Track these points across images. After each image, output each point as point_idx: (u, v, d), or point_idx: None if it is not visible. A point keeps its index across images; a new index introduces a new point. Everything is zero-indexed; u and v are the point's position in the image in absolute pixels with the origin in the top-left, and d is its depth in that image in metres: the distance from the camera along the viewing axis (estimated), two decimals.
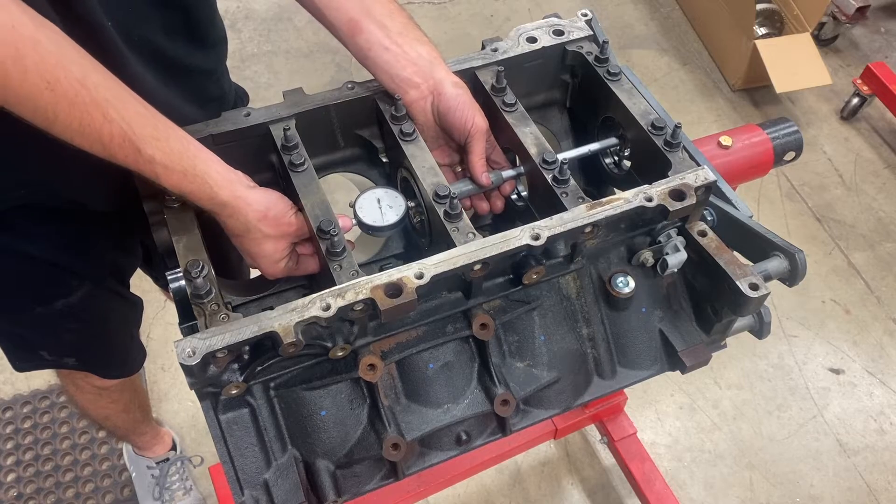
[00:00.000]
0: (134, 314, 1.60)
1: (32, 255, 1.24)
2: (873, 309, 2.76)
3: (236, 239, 1.04)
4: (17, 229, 1.19)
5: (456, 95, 1.10)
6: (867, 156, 3.23)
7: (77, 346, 1.49)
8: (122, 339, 1.61)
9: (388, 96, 1.14)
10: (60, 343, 1.46)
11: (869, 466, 2.39)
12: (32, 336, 1.42)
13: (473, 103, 1.12)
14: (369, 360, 1.00)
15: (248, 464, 1.01)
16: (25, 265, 1.25)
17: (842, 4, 3.34)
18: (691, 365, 1.15)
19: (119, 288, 1.47)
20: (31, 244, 1.23)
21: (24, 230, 1.20)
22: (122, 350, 1.64)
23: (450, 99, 1.10)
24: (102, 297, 1.42)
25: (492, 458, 2.02)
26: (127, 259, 1.47)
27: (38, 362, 1.48)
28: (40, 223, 1.21)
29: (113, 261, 1.39)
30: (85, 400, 1.84)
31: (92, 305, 1.39)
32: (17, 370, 1.49)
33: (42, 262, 1.25)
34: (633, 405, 2.41)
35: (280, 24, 3.57)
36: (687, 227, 1.11)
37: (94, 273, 1.35)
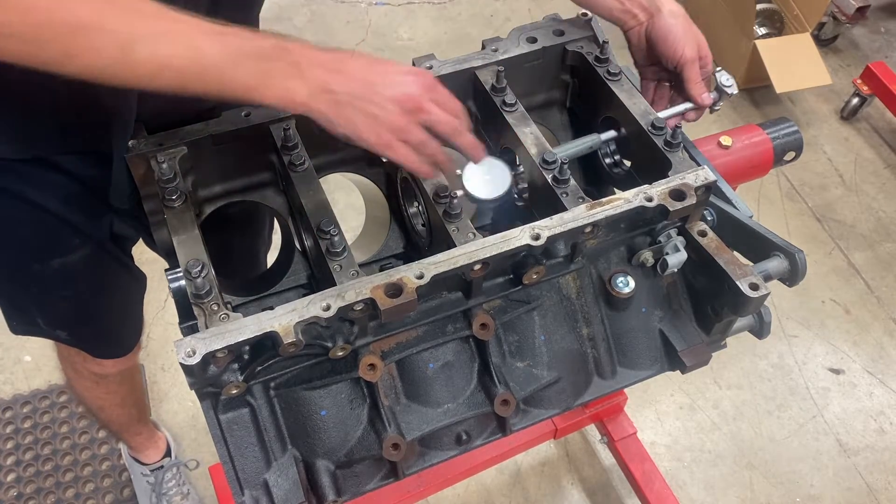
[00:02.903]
0: (135, 287, 1.56)
1: (40, 205, 1.22)
2: (873, 309, 2.76)
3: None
4: (30, 178, 1.19)
5: (669, 25, 1.18)
6: (867, 156, 3.23)
7: (69, 317, 1.46)
8: (116, 314, 1.57)
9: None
10: (54, 312, 1.43)
11: (869, 466, 2.39)
12: (25, 298, 1.40)
13: (688, 32, 1.19)
14: (369, 359, 1.00)
15: (248, 464, 1.01)
16: (31, 215, 1.23)
17: (842, 4, 3.33)
18: (691, 365, 1.15)
19: (120, 255, 1.44)
20: (41, 193, 1.21)
21: (36, 179, 1.19)
22: (117, 326, 1.60)
23: (662, 28, 1.19)
24: (102, 264, 1.39)
25: (492, 458, 2.02)
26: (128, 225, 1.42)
27: (33, 328, 1.45)
28: (53, 174, 1.19)
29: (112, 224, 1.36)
30: (82, 387, 1.81)
31: (89, 271, 1.37)
32: (12, 332, 1.47)
33: (48, 214, 1.24)
34: (633, 405, 2.41)
35: (280, 24, 3.57)
36: (687, 227, 1.11)
37: (96, 234, 1.33)
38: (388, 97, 0.94)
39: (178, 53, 0.86)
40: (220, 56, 0.87)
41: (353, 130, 0.94)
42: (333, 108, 0.93)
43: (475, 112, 1.25)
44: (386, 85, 0.94)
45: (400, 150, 0.96)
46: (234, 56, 0.88)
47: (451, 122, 0.99)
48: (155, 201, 1.06)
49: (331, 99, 0.92)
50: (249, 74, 0.89)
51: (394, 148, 0.96)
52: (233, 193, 1.19)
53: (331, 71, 0.93)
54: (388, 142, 0.95)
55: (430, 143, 0.98)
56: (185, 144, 1.08)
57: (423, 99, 0.96)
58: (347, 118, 0.94)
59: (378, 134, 0.94)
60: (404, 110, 0.94)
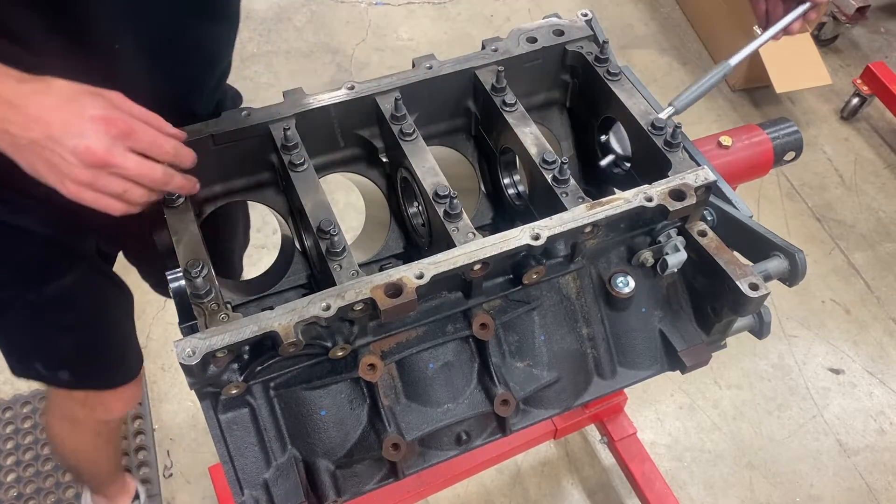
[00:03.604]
0: (126, 303, 1.52)
1: (25, 229, 1.19)
2: (873, 309, 2.76)
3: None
4: (10, 203, 1.16)
5: None
6: (867, 156, 3.23)
7: (71, 350, 1.42)
8: (117, 335, 1.53)
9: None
10: (55, 349, 1.39)
11: (869, 466, 2.39)
12: (24, 336, 1.36)
13: None
14: (369, 359, 1.00)
15: (248, 464, 1.01)
16: (18, 240, 1.21)
17: (842, 4, 3.33)
18: (691, 365, 1.15)
19: (109, 271, 1.41)
20: (24, 217, 1.18)
21: (15, 204, 1.17)
22: (119, 347, 1.55)
23: None
24: (96, 283, 1.36)
25: (492, 458, 2.02)
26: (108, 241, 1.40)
27: (33, 372, 1.41)
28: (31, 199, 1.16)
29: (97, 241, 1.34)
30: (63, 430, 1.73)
31: (84, 292, 1.34)
32: (13, 373, 1.44)
33: (35, 237, 1.21)
34: (633, 405, 2.41)
35: (280, 24, 3.57)
36: (687, 227, 1.11)
37: (85, 252, 1.30)
38: (69, 149, 0.87)
39: None
40: None
41: (38, 176, 0.89)
42: (13, 149, 0.88)
43: (475, 112, 1.25)
44: (67, 135, 0.86)
45: (88, 196, 0.90)
46: None
47: (149, 175, 0.92)
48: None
49: (10, 140, 0.87)
50: None
51: (83, 197, 0.90)
52: (233, 193, 1.19)
53: (12, 108, 0.86)
54: (75, 192, 0.89)
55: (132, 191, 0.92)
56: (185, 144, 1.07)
57: (111, 153, 0.88)
58: (30, 163, 0.88)
59: (63, 184, 0.89)
60: (87, 165, 0.88)
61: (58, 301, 1.30)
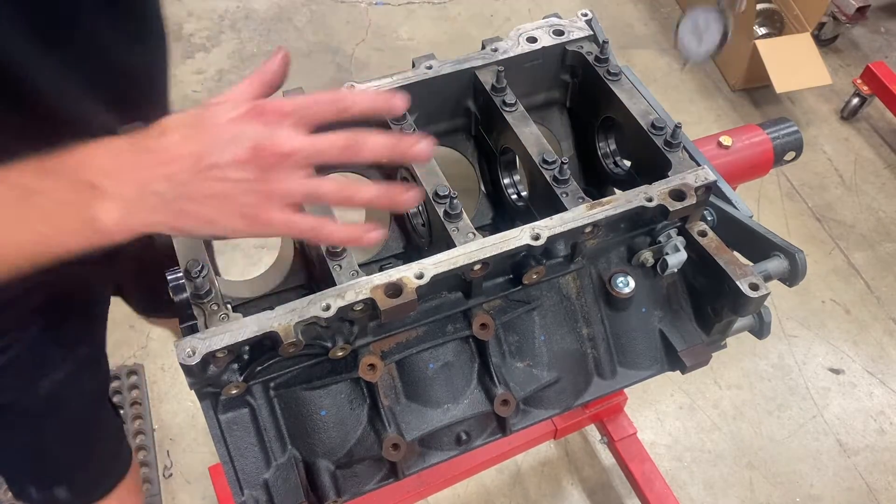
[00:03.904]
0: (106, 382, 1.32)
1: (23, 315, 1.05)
2: (873, 309, 2.76)
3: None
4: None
5: None
6: (867, 156, 3.23)
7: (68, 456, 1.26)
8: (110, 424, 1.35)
9: None
10: (51, 461, 1.24)
11: (869, 466, 2.39)
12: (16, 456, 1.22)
13: None
14: (369, 360, 1.00)
15: (248, 464, 1.01)
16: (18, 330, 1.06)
17: (842, 4, 3.33)
18: (691, 365, 1.15)
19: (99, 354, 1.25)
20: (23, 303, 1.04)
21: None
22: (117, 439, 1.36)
23: None
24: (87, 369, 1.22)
25: (492, 458, 2.02)
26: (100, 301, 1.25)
27: (25, 496, 1.26)
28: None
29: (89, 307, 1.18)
30: None
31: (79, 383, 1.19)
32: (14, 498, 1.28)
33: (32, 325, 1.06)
34: (633, 405, 2.41)
35: (280, 24, 3.57)
36: (687, 227, 1.11)
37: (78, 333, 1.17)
38: (228, 163, 0.68)
39: None
40: None
41: (210, 228, 0.71)
42: (165, 213, 0.69)
43: (475, 112, 1.25)
44: (218, 149, 0.68)
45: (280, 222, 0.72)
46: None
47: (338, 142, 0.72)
48: None
49: (156, 203, 0.68)
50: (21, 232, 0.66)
51: (274, 225, 0.72)
52: None
53: (140, 166, 0.68)
54: (264, 220, 0.71)
55: (322, 187, 0.73)
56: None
57: (280, 139, 0.70)
58: (193, 216, 0.70)
59: (242, 217, 0.70)
60: (260, 169, 0.69)
61: (53, 401, 1.14)
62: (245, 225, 0.71)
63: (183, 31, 3.49)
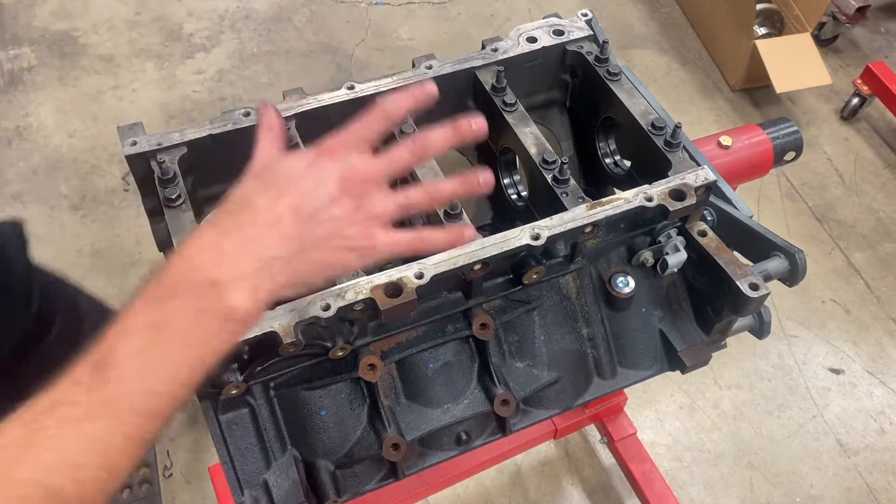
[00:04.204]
0: None
1: None
2: (873, 309, 2.76)
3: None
4: None
5: None
6: (867, 156, 3.23)
7: None
8: None
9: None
10: None
11: (869, 466, 2.39)
12: None
13: None
14: (369, 360, 1.00)
15: (248, 464, 1.01)
16: None
17: (842, 4, 3.33)
18: (691, 365, 1.15)
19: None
20: None
21: None
22: None
23: None
24: None
25: (492, 458, 2.01)
26: None
27: None
28: None
29: None
30: None
31: None
32: None
33: None
34: (633, 405, 2.41)
35: (280, 24, 3.57)
36: (687, 227, 1.11)
37: None
38: (326, 204, 0.71)
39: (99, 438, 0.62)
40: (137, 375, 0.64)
41: (330, 271, 0.74)
42: (289, 272, 0.70)
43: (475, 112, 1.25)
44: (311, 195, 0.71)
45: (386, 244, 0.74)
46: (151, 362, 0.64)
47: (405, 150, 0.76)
48: (155, 201, 1.06)
49: (279, 267, 0.70)
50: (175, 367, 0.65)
51: (381, 248, 0.74)
52: None
53: (247, 241, 0.69)
54: (372, 246, 0.74)
55: (410, 197, 0.77)
56: (185, 144, 1.08)
57: (356, 168, 0.73)
58: (314, 265, 0.72)
59: (352, 250, 0.73)
60: (353, 199, 0.73)
61: None
62: (357, 257, 0.74)
63: (183, 31, 3.49)
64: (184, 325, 0.65)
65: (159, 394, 0.64)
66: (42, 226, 2.80)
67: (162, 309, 0.65)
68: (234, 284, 0.66)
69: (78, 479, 0.60)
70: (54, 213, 2.84)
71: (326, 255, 0.72)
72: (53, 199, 2.88)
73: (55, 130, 3.09)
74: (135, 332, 0.65)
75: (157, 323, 0.65)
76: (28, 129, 3.09)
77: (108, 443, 0.62)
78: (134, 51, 3.40)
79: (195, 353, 0.66)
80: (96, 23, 3.51)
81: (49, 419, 0.61)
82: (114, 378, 0.62)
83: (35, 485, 0.58)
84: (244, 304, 0.67)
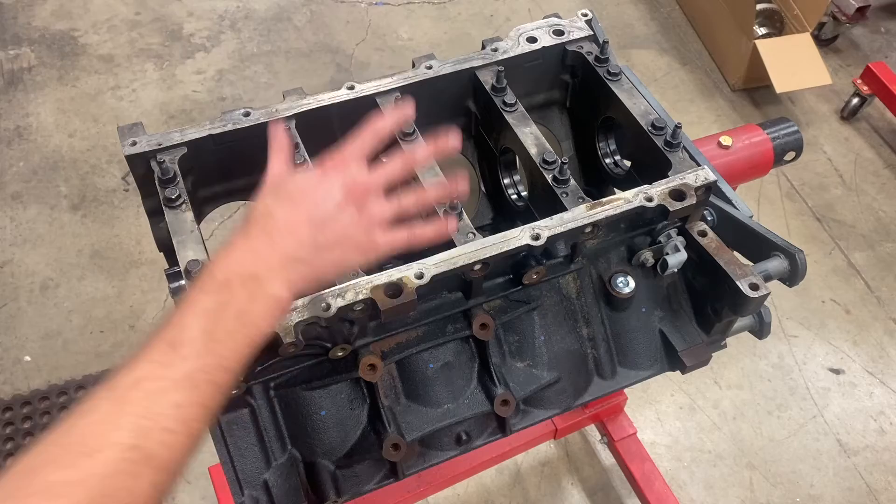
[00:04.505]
0: None
1: None
2: (873, 309, 2.76)
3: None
4: None
5: None
6: (867, 156, 3.23)
7: None
8: None
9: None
10: None
11: (869, 466, 2.39)
12: None
13: None
14: (369, 360, 1.00)
15: (248, 464, 1.01)
16: None
17: (842, 4, 3.33)
18: (691, 365, 1.15)
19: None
20: None
21: None
22: None
23: None
24: None
25: (492, 458, 2.01)
26: None
27: None
28: None
29: None
30: None
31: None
32: None
33: None
34: (633, 405, 2.41)
35: (280, 24, 3.57)
36: (687, 227, 1.11)
37: None
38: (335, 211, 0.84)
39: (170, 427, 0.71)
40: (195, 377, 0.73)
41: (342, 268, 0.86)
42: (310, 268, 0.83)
43: (475, 112, 1.25)
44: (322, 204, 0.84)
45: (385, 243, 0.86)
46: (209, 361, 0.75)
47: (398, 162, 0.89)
48: (155, 201, 1.06)
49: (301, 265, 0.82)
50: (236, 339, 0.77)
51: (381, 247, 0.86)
52: (233, 193, 1.19)
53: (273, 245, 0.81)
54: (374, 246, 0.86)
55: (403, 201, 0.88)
56: (185, 144, 1.08)
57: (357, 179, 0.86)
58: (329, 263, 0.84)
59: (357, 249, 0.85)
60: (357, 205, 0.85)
61: None
62: (362, 255, 0.86)
63: (183, 31, 3.49)
64: (239, 309, 0.77)
65: (227, 368, 0.76)
66: (42, 226, 2.80)
67: (218, 297, 0.77)
68: (271, 276, 0.80)
69: (166, 443, 0.70)
70: (54, 213, 2.84)
71: (337, 255, 0.84)
72: (53, 199, 2.88)
73: (55, 130, 3.09)
74: (199, 315, 0.76)
75: (217, 308, 0.77)
76: (28, 129, 3.09)
77: (190, 411, 0.72)
78: (134, 51, 3.40)
79: (250, 334, 0.78)
80: (96, 23, 3.51)
81: (136, 392, 0.71)
82: (190, 354, 0.74)
83: (133, 448, 0.67)
84: (281, 291, 0.80)
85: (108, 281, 2.64)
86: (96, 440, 0.68)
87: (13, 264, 2.70)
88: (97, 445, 0.67)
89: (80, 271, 2.67)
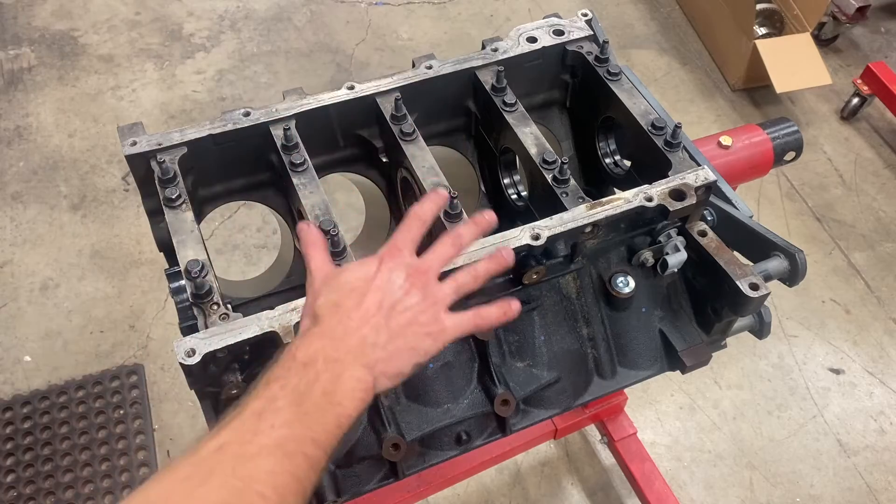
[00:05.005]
0: None
1: None
2: (873, 309, 2.76)
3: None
4: None
5: None
6: (867, 156, 3.23)
7: None
8: None
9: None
10: None
11: (869, 466, 2.39)
12: None
13: None
14: None
15: None
16: None
17: (842, 4, 3.33)
18: (691, 365, 1.15)
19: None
20: None
21: None
22: None
23: None
24: None
25: (492, 458, 2.01)
26: None
27: None
28: None
29: None
30: None
31: None
32: None
33: None
34: (633, 405, 2.41)
35: (280, 24, 3.57)
36: (687, 227, 1.11)
37: None
38: (401, 296, 0.84)
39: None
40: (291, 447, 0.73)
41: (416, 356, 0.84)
42: (385, 354, 0.82)
43: (475, 112, 1.25)
44: (388, 291, 0.84)
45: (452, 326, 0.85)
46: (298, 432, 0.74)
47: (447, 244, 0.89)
48: (155, 201, 1.06)
49: (377, 351, 0.82)
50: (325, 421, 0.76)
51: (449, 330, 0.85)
52: (233, 193, 1.19)
53: (350, 333, 0.81)
54: (441, 329, 0.85)
55: (459, 279, 0.88)
56: (185, 144, 1.08)
57: (418, 264, 0.87)
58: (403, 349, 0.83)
59: (427, 335, 0.84)
60: (421, 290, 0.85)
61: None
62: (433, 340, 0.85)
63: (183, 31, 3.49)
64: (325, 388, 0.77)
65: (317, 442, 0.74)
66: (42, 226, 2.80)
67: (303, 376, 0.77)
68: (350, 359, 0.80)
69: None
70: (54, 214, 2.84)
71: (410, 341, 0.84)
72: (53, 199, 2.88)
73: (55, 130, 3.09)
74: (285, 389, 0.76)
75: (303, 385, 0.76)
76: (28, 129, 3.09)
77: (283, 479, 0.70)
78: (134, 51, 3.41)
79: (337, 412, 0.77)
80: (96, 23, 3.51)
81: (221, 455, 0.71)
82: (279, 424, 0.73)
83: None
84: (365, 376, 0.80)
85: (108, 281, 2.64)
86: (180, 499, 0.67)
87: (13, 264, 2.70)
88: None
89: (80, 271, 2.67)
